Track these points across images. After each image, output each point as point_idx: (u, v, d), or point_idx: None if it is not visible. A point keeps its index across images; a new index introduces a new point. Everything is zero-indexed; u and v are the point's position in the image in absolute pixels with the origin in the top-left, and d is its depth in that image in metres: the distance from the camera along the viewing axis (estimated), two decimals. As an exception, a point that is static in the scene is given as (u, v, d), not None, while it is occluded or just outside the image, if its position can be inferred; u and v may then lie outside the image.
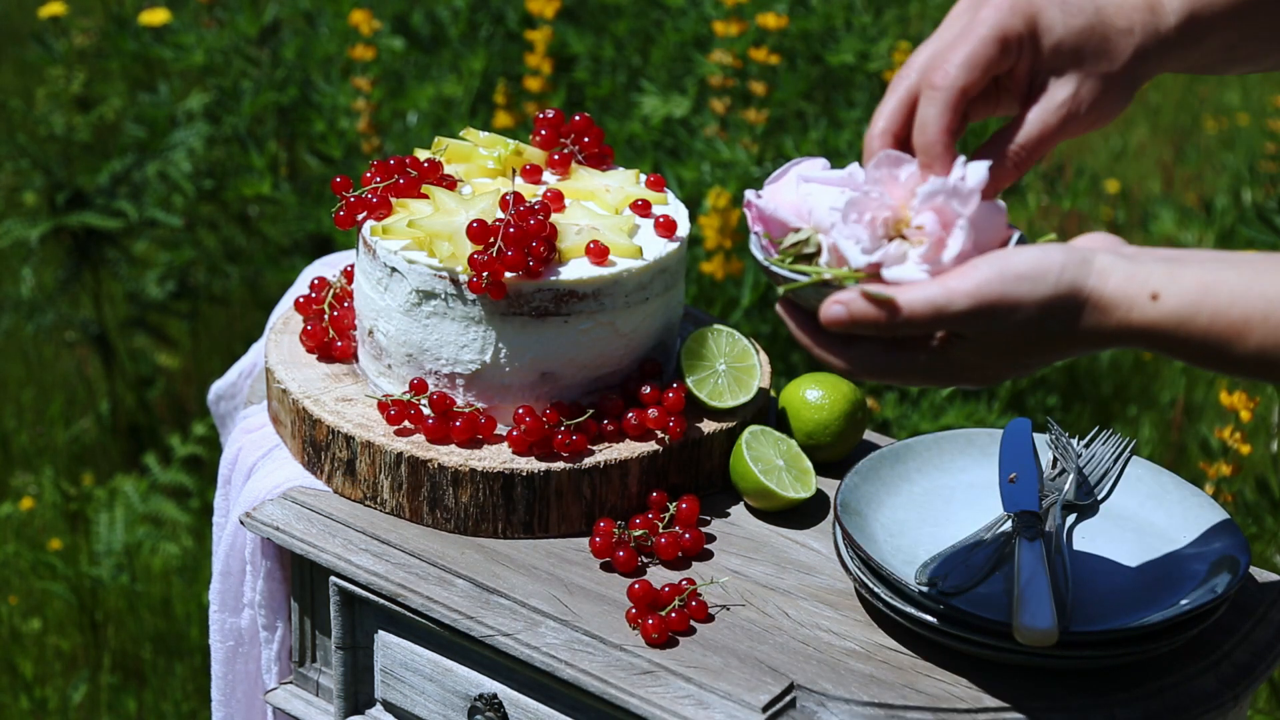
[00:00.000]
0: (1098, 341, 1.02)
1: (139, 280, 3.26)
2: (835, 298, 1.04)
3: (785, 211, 1.13)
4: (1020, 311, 1.01)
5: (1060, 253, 1.01)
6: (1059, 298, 1.00)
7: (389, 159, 1.49)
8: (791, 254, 1.11)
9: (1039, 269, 1.01)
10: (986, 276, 1.01)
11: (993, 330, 1.02)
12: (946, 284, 1.01)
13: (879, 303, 1.02)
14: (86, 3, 4.45)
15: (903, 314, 1.02)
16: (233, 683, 1.54)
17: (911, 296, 1.02)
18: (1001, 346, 1.04)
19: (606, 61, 3.02)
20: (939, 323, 1.02)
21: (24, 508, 2.85)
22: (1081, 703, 1.20)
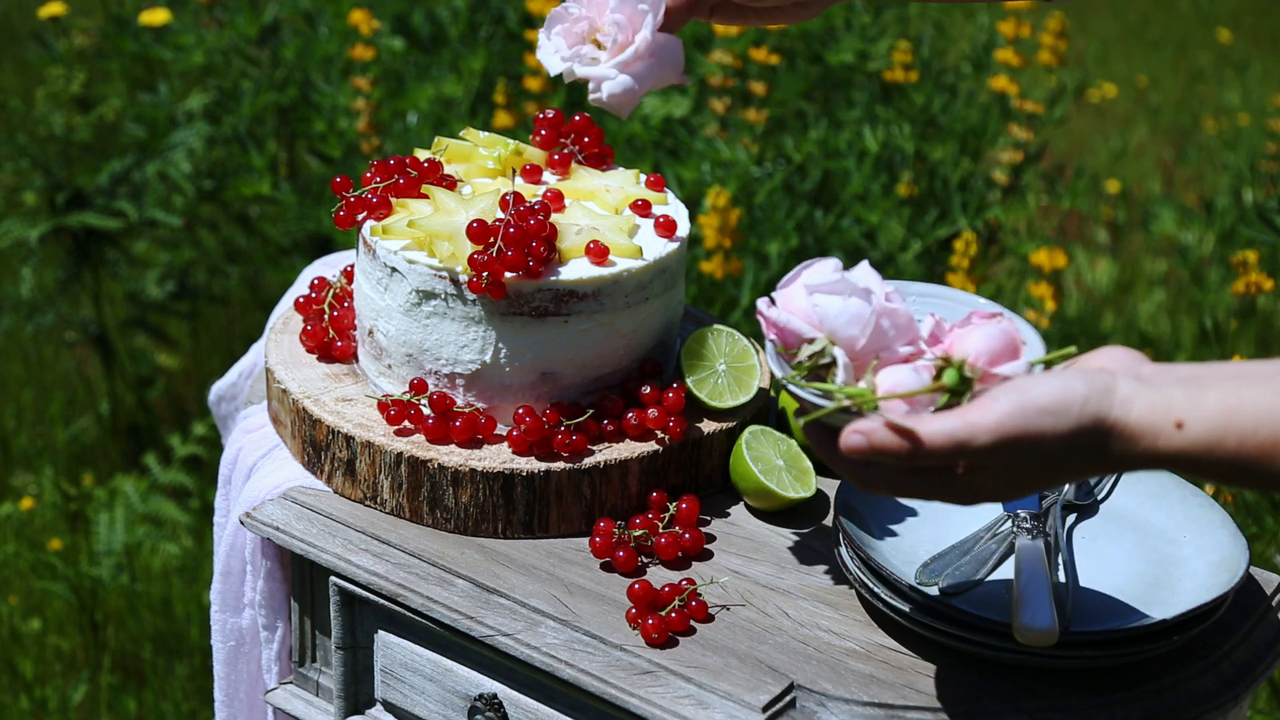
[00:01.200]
0: (1123, 467, 1.02)
1: (139, 280, 3.26)
2: (856, 427, 1.03)
3: (798, 321, 1.12)
4: (1044, 445, 1.00)
5: (1082, 383, 1.00)
6: (1083, 431, 1.00)
7: (389, 159, 1.49)
8: (808, 367, 1.11)
9: (1062, 402, 1.00)
10: (1008, 411, 1.00)
11: (1014, 461, 1.02)
12: (968, 418, 1.01)
13: (901, 433, 1.02)
14: (86, 3, 4.45)
15: (924, 446, 1.01)
16: (235, 683, 1.54)
17: (933, 429, 1.01)
18: (1025, 474, 1.03)
19: (606, 61, 3.02)
20: (960, 455, 1.01)
21: (24, 508, 2.85)
22: (1081, 703, 1.20)
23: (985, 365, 1.07)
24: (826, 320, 1.10)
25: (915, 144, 2.75)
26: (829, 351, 1.10)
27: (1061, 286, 3.29)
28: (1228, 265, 3.16)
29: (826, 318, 1.10)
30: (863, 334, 1.09)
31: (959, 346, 1.09)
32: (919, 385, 1.07)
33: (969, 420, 1.01)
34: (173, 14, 3.21)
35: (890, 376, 1.08)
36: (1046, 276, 2.55)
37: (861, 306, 1.09)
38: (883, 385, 1.07)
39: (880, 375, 1.08)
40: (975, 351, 1.07)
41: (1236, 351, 2.51)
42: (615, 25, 1.32)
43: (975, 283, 2.47)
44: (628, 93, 1.36)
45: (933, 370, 1.08)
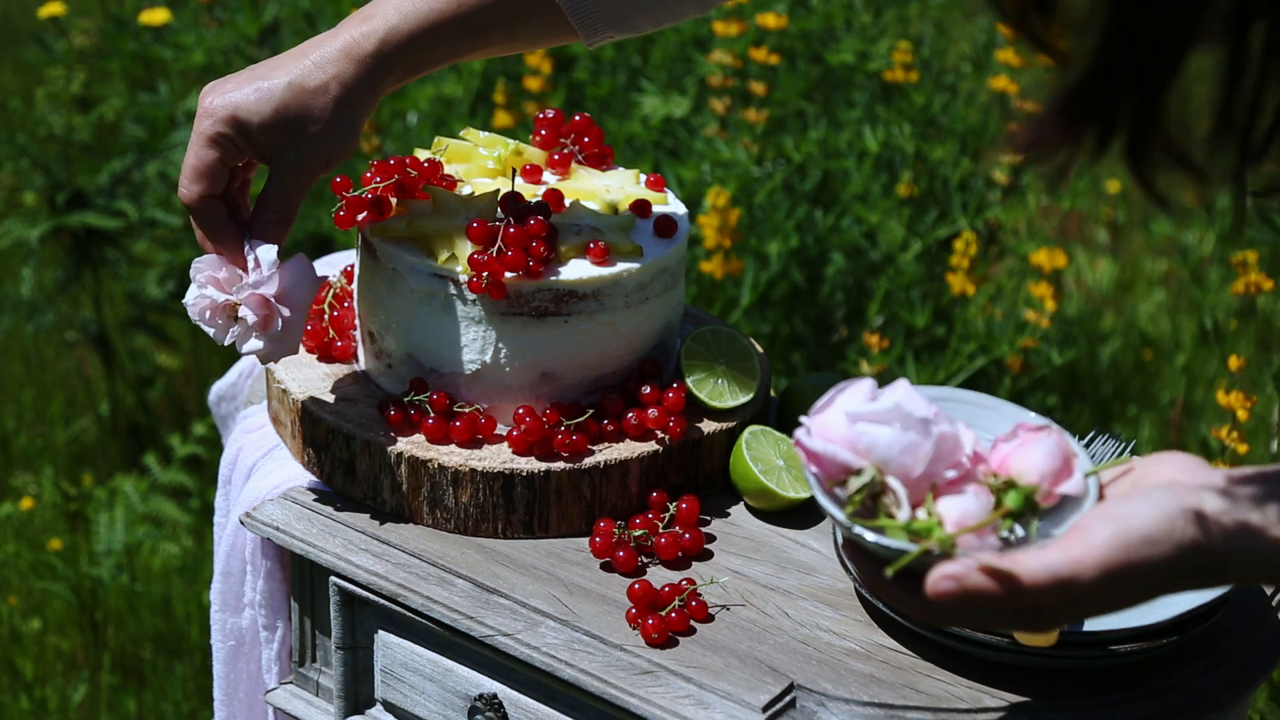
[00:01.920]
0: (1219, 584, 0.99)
1: (139, 280, 3.26)
2: (945, 572, 0.96)
3: (842, 451, 1.03)
4: (1147, 574, 0.96)
5: (1172, 502, 0.96)
6: (1183, 554, 0.95)
7: (389, 159, 1.49)
8: (858, 504, 1.02)
9: (1162, 529, 0.95)
10: (1111, 545, 0.95)
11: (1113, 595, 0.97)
12: (1070, 554, 0.95)
13: (997, 576, 0.95)
14: (86, 3, 4.45)
15: (1025, 588, 0.95)
16: (235, 683, 1.54)
17: (1034, 569, 0.95)
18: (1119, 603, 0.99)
19: (606, 61, 3.02)
20: (1061, 594, 0.95)
21: (24, 508, 2.85)
22: (1081, 703, 1.20)
23: (1048, 486, 1.02)
24: (876, 450, 1.02)
25: (915, 144, 2.75)
26: (879, 482, 1.02)
27: (1061, 286, 3.29)
28: (1228, 265, 3.16)
29: (876, 448, 1.02)
30: (919, 464, 1.02)
31: (1016, 465, 1.03)
32: (984, 513, 1.01)
33: (1072, 557, 0.95)
34: (173, 14, 3.21)
35: (955, 507, 1.00)
36: (1046, 276, 2.55)
37: (918, 436, 1.01)
38: (948, 517, 1.00)
39: (942, 506, 1.01)
40: (1038, 472, 1.02)
41: (1236, 351, 2.51)
42: (250, 308, 1.35)
43: (975, 283, 2.47)
44: (281, 344, 1.38)
45: (989, 492, 1.02)
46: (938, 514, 1.01)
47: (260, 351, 1.36)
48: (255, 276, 1.34)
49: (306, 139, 1.33)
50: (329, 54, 1.33)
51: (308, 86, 1.32)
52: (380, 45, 1.33)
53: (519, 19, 1.36)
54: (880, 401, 1.03)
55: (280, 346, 1.37)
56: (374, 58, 1.33)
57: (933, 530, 0.99)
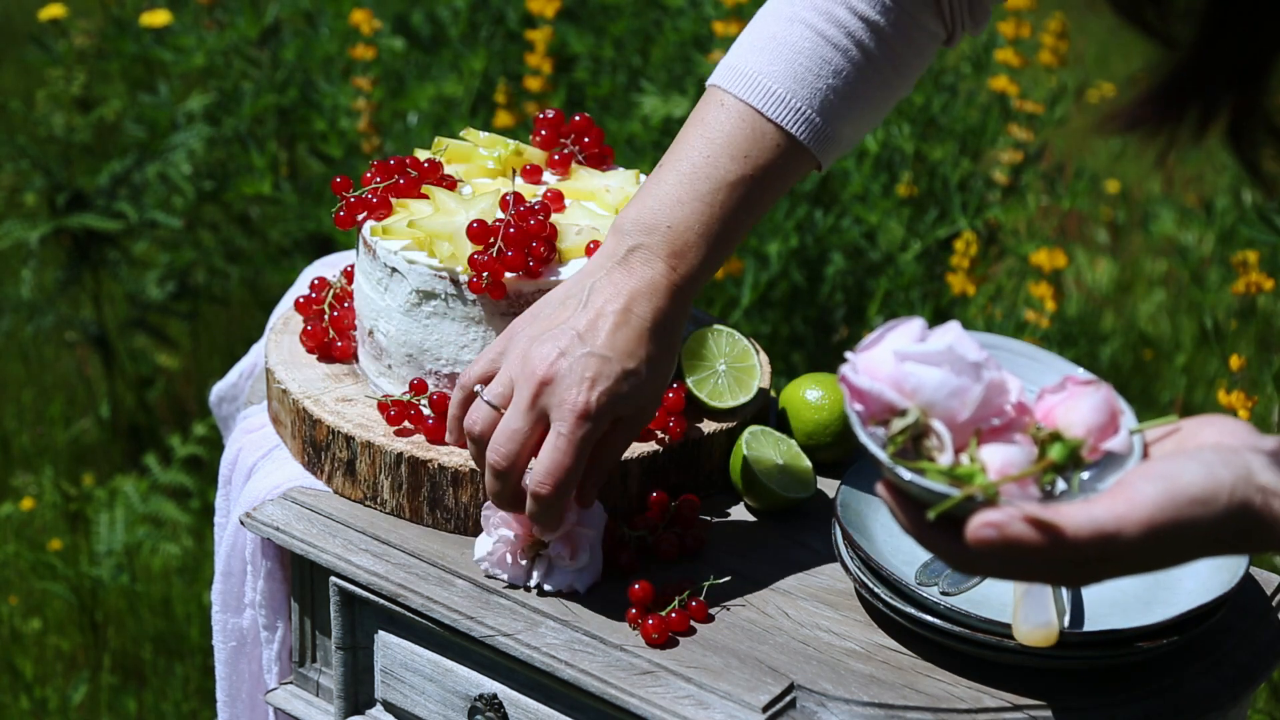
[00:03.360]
0: (1266, 548, 0.99)
1: (139, 281, 3.26)
2: (987, 519, 0.94)
3: (886, 389, 1.00)
4: (1191, 536, 0.95)
5: (1223, 466, 0.96)
6: (1230, 518, 0.95)
7: (389, 159, 1.49)
8: (900, 444, 0.99)
9: (1210, 491, 0.95)
10: (1158, 503, 0.94)
11: (1157, 553, 0.97)
12: (1115, 510, 0.94)
13: (1040, 526, 0.94)
14: (86, 4, 4.45)
15: (1068, 539, 0.94)
16: (237, 683, 1.54)
17: (1078, 522, 0.94)
18: (1161, 561, 0.98)
19: (606, 61, 3.02)
20: (1104, 548, 0.95)
21: (24, 508, 2.85)
22: (1081, 703, 1.20)
23: (1094, 441, 1.01)
24: (923, 392, 1.00)
25: (915, 144, 2.75)
26: (922, 424, 1.00)
27: (1061, 286, 3.29)
28: (1228, 265, 3.16)
29: (923, 389, 0.99)
30: (967, 408, 1.00)
31: (1063, 418, 1.02)
32: (1028, 463, 0.99)
33: (1117, 513, 0.94)
34: (173, 15, 3.21)
35: (999, 455, 0.99)
36: (1046, 276, 2.55)
37: (968, 380, 1.00)
38: (991, 465, 0.98)
39: (986, 453, 0.99)
40: (1085, 425, 1.01)
41: (1236, 351, 2.51)
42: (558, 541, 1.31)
43: (976, 283, 2.47)
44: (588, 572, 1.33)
45: (1033, 443, 1.00)
46: (981, 461, 0.99)
47: (568, 584, 1.30)
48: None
49: (655, 406, 1.31)
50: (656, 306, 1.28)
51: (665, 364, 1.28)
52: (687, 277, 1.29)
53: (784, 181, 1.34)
54: (931, 342, 1.01)
55: (587, 574, 1.31)
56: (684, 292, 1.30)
57: (975, 476, 0.97)
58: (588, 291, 1.27)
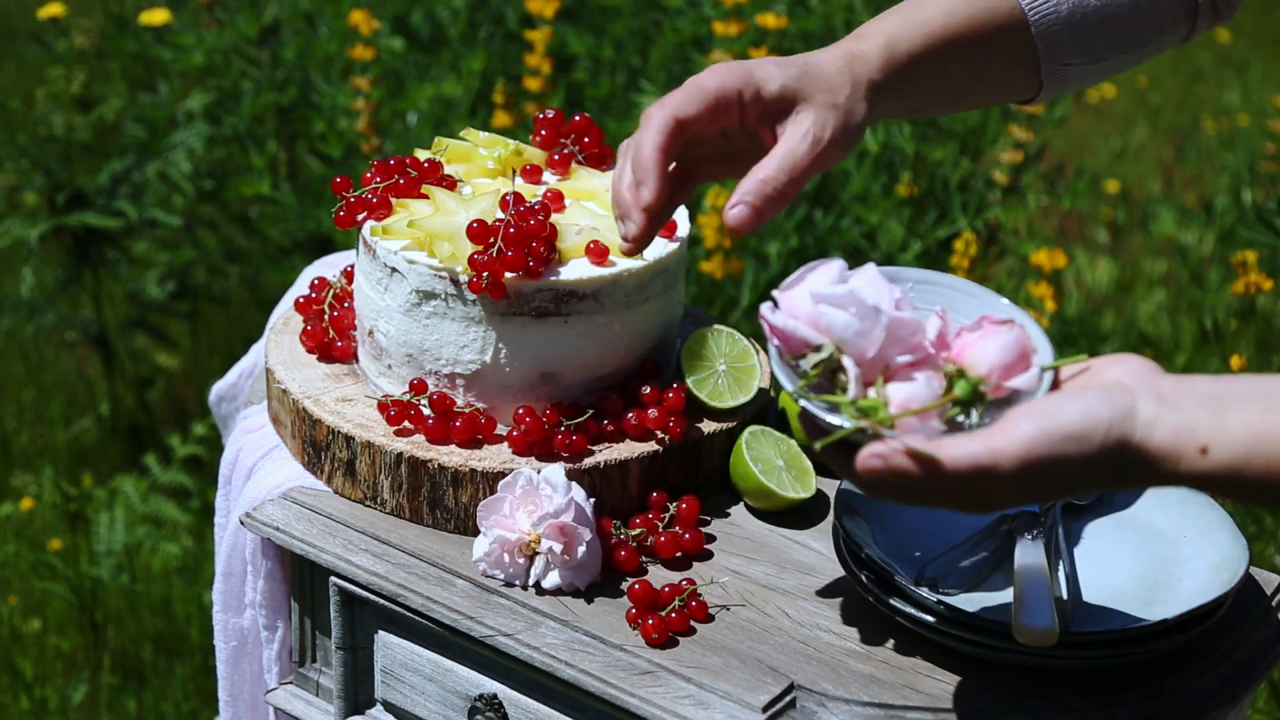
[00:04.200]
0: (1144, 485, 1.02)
1: (139, 280, 3.26)
2: (874, 451, 1.01)
3: (804, 327, 1.09)
4: (1066, 469, 0.99)
5: (1106, 408, 0.99)
6: (1106, 455, 0.99)
7: (389, 159, 1.49)
8: (814, 377, 1.08)
9: (1086, 428, 0.99)
10: (1032, 437, 0.99)
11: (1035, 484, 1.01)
12: (991, 443, 0.99)
13: (920, 460, 1.00)
14: (86, 3, 4.45)
15: (945, 471, 1.00)
16: (238, 683, 1.54)
17: (955, 455, 0.99)
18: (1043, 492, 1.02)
19: (606, 61, 3.02)
20: (982, 480, 1.00)
21: (24, 508, 2.85)
22: (1081, 703, 1.20)
23: (999, 379, 1.06)
24: (834, 331, 1.07)
25: (915, 144, 2.75)
26: (835, 359, 1.08)
27: (1061, 286, 3.29)
28: (1227, 265, 3.16)
29: (834, 328, 1.07)
30: (871, 346, 1.07)
31: (971, 356, 1.07)
32: (931, 398, 1.05)
33: (992, 446, 0.99)
34: (173, 14, 3.21)
35: (902, 391, 1.05)
36: (1046, 276, 2.55)
37: (869, 322, 1.06)
38: (895, 399, 1.05)
39: (891, 388, 1.06)
40: (989, 364, 1.06)
41: (1236, 351, 2.51)
42: (551, 539, 1.29)
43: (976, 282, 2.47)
44: (586, 570, 1.31)
45: (943, 379, 1.06)
46: (885, 396, 1.06)
47: (566, 583, 1.30)
48: (553, 505, 1.29)
49: (825, 107, 1.23)
50: (834, 53, 1.27)
51: (823, 66, 1.25)
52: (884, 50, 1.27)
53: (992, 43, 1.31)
54: (841, 285, 1.09)
55: (585, 572, 1.31)
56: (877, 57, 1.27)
57: (877, 410, 1.04)
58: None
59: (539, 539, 1.29)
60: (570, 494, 1.30)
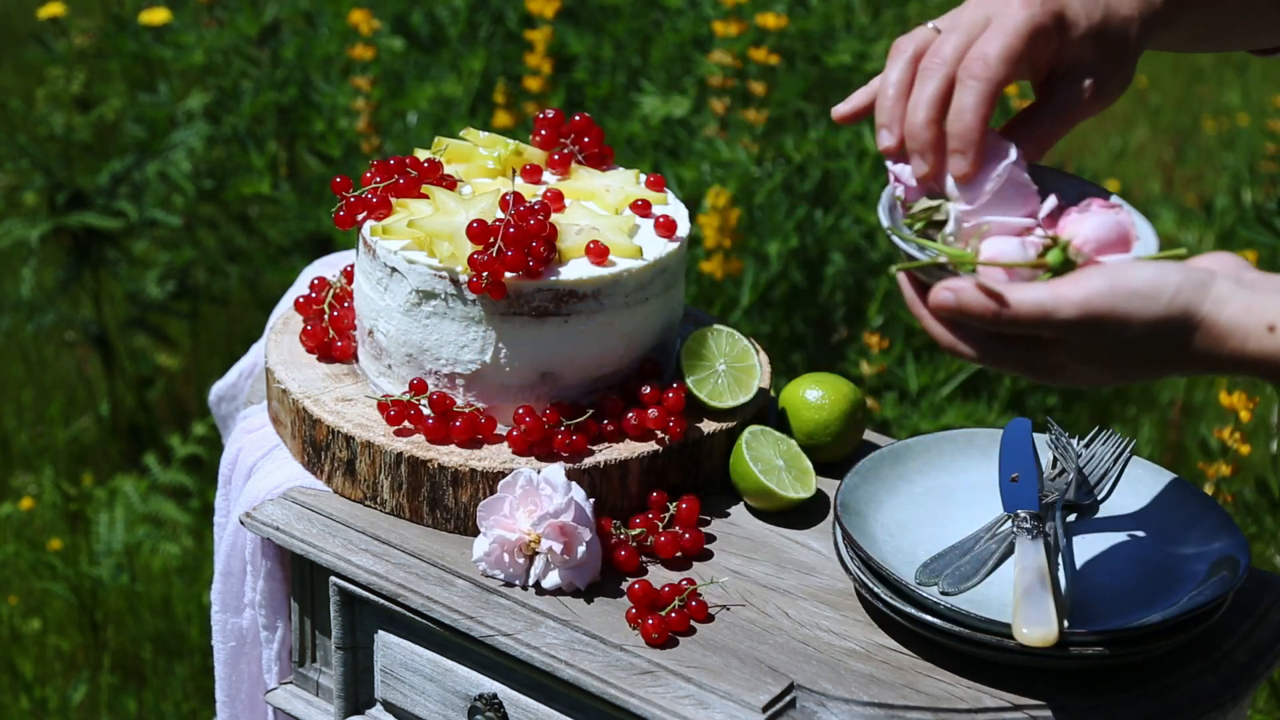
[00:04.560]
0: (1207, 365, 1.01)
1: (139, 280, 3.26)
2: (947, 284, 1.04)
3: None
4: (1129, 328, 0.99)
5: (1177, 273, 0.99)
6: (1170, 319, 0.99)
7: (389, 159, 1.49)
8: (921, 219, 1.13)
9: (1153, 287, 0.99)
10: (1098, 289, 1.00)
11: (1098, 341, 1.01)
12: (1057, 289, 1.00)
13: (989, 295, 1.02)
14: (86, 3, 4.45)
15: (1009, 310, 1.01)
16: (236, 683, 1.54)
17: (1020, 296, 1.01)
18: (1105, 357, 1.02)
19: (606, 61, 3.02)
20: (1043, 326, 1.01)
21: (24, 508, 2.85)
22: (1081, 703, 1.20)
23: (1092, 251, 1.07)
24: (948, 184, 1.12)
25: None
26: (944, 209, 1.12)
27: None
28: (1227, 265, 3.15)
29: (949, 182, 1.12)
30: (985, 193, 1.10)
31: (1070, 229, 1.09)
32: (1021, 258, 1.07)
33: (1058, 292, 1.00)
34: (173, 13, 3.21)
35: (993, 245, 1.08)
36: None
37: (992, 164, 1.10)
38: (985, 252, 1.08)
39: (984, 244, 1.08)
40: (1084, 236, 1.07)
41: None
42: (551, 539, 1.30)
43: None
44: (586, 570, 1.32)
45: (1039, 247, 1.08)
46: (977, 248, 1.08)
47: (566, 583, 1.30)
48: (553, 505, 1.29)
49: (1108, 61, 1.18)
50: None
51: (1120, 11, 1.18)
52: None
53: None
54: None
55: (585, 572, 1.31)
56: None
57: (964, 257, 1.07)
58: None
59: (539, 539, 1.29)
60: (570, 494, 1.30)
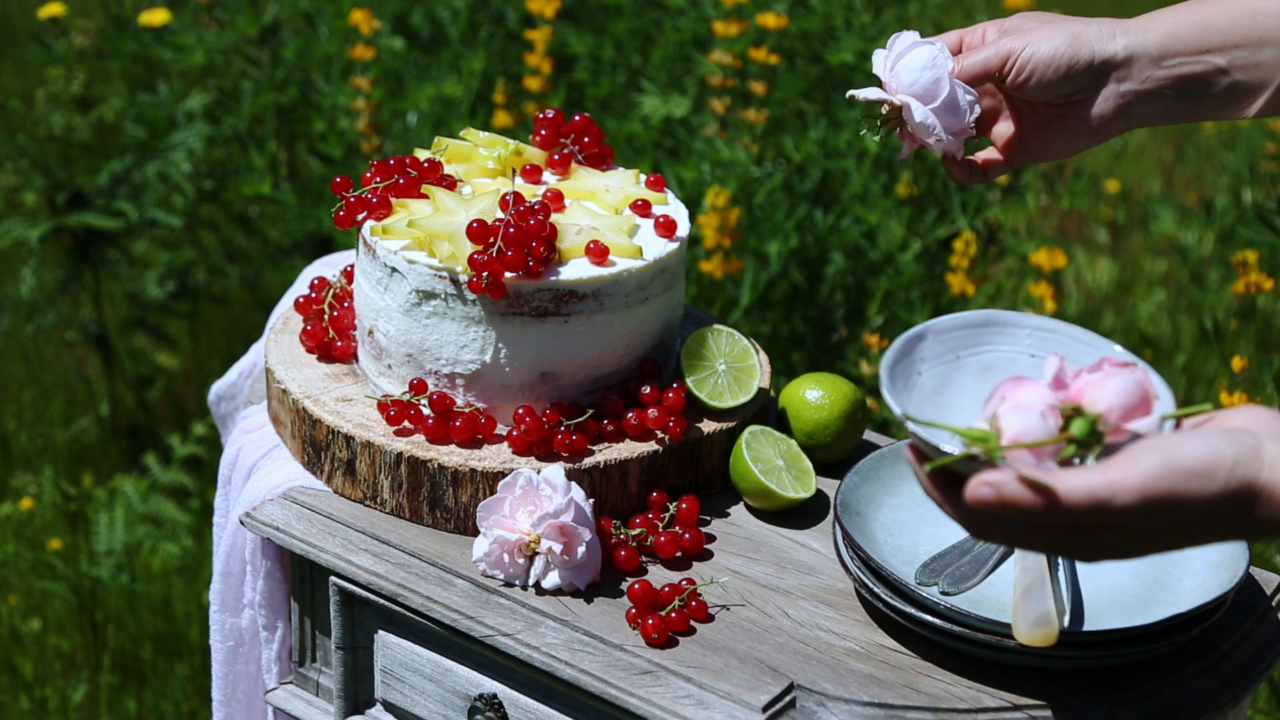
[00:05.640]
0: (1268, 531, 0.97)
1: (139, 280, 3.26)
2: (985, 479, 0.96)
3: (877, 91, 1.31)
4: (1188, 508, 0.95)
5: (1228, 444, 0.95)
6: (1230, 493, 0.95)
7: (389, 159, 1.49)
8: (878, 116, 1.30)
9: (1209, 464, 0.94)
10: (1153, 471, 0.94)
11: (1157, 524, 0.96)
12: (1109, 475, 0.95)
13: (1036, 489, 0.95)
14: (86, 3, 4.45)
15: (1061, 504, 0.94)
16: (233, 683, 1.54)
17: (1071, 486, 0.94)
18: (1161, 536, 0.98)
19: (606, 61, 3.02)
20: (1099, 515, 0.95)
21: (24, 508, 2.85)
22: (1081, 703, 1.20)
23: (1118, 419, 1.01)
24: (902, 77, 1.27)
25: (915, 144, 2.74)
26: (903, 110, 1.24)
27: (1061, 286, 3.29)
28: (1228, 265, 3.16)
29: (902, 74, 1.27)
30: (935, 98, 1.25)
31: (1090, 396, 1.02)
32: (1046, 434, 0.99)
33: (1111, 479, 0.94)
34: (172, 14, 3.21)
35: (1015, 424, 1.00)
36: (1046, 276, 2.55)
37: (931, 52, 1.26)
38: (1007, 432, 1.00)
39: (1005, 421, 1.01)
40: (1109, 404, 1.01)
41: (1236, 352, 2.51)
42: (551, 539, 1.30)
43: (975, 283, 2.47)
44: (585, 570, 1.32)
45: (1059, 417, 1.01)
46: (998, 427, 1.00)
47: (566, 583, 1.30)
48: (553, 505, 1.29)
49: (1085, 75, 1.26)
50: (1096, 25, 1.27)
51: (1087, 31, 1.26)
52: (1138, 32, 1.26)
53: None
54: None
55: (585, 572, 1.31)
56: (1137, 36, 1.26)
57: (989, 440, 0.99)
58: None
59: (539, 539, 1.29)
60: (570, 494, 1.30)
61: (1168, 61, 1.26)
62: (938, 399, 1.17)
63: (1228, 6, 1.25)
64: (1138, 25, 1.27)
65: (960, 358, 1.20)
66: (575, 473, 1.37)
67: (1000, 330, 1.20)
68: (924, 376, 1.17)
